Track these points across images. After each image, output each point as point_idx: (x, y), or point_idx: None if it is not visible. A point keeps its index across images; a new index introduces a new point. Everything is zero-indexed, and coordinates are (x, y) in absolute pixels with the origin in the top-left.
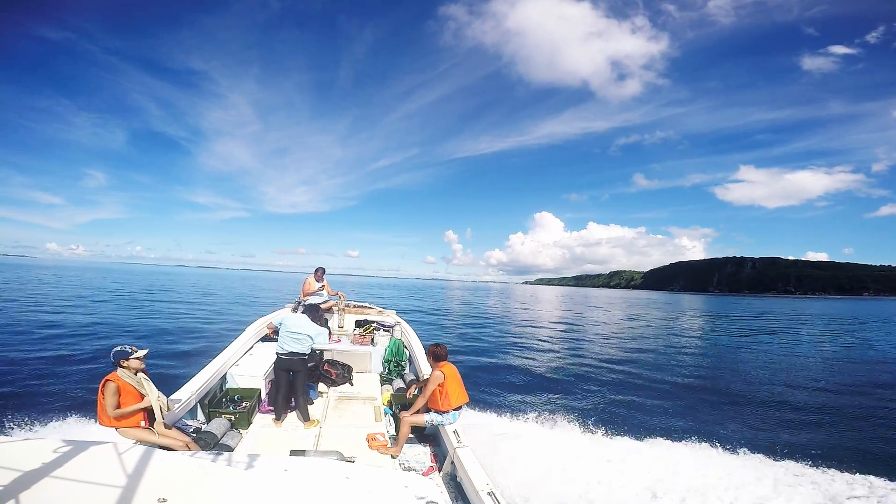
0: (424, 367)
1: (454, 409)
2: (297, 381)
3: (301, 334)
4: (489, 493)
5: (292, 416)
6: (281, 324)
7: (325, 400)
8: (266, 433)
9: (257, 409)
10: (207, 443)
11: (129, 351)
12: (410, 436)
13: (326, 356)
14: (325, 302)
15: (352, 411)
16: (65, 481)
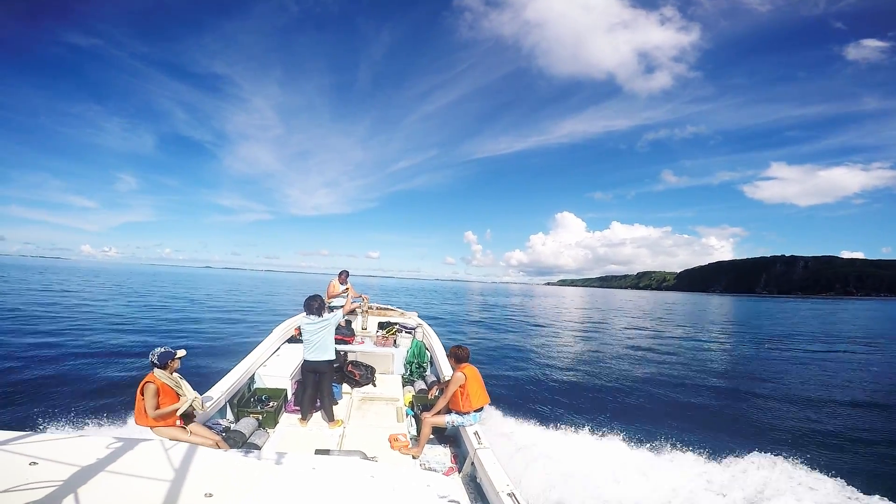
0: (446, 369)
1: (475, 411)
2: (323, 383)
3: (320, 332)
4: (509, 494)
5: (317, 417)
6: (301, 330)
7: (349, 400)
8: (292, 432)
9: (284, 409)
10: (236, 441)
11: (174, 352)
12: (431, 437)
13: (350, 357)
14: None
15: (375, 412)
16: (118, 476)
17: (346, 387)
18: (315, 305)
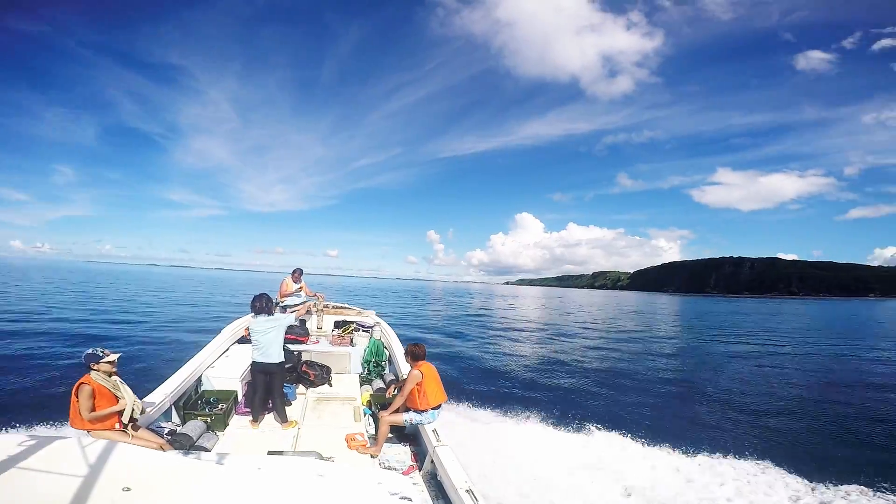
0: (404, 367)
1: (433, 408)
2: (274, 383)
3: (269, 335)
4: (467, 491)
5: (270, 418)
6: (251, 330)
7: (304, 401)
8: (243, 434)
9: (234, 411)
10: (182, 444)
11: (101, 354)
12: (390, 435)
13: (304, 357)
14: (303, 303)
15: (331, 412)
16: (28, 473)
17: (300, 387)
18: (259, 305)
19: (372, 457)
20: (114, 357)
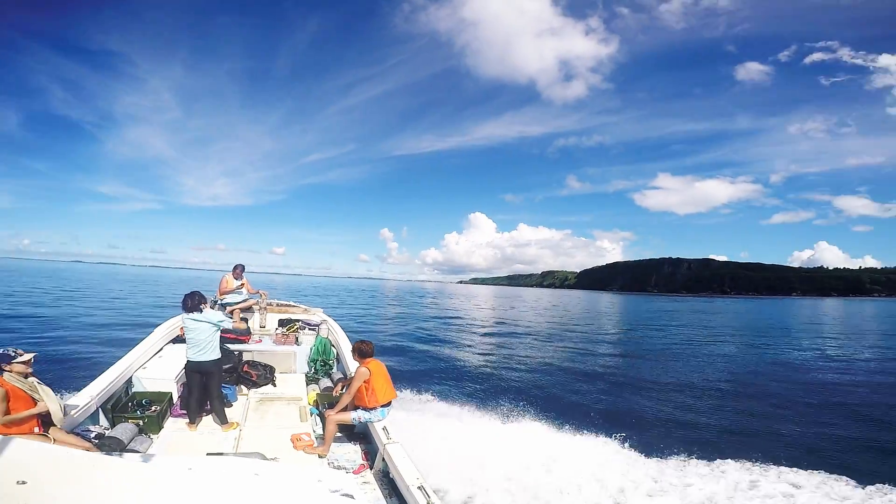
0: (352, 366)
1: (382, 406)
2: (211, 384)
3: (203, 332)
4: (419, 488)
5: (209, 420)
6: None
7: (245, 402)
8: (180, 437)
9: (169, 413)
10: (112, 448)
11: (13, 354)
12: (339, 434)
13: (246, 357)
14: (244, 301)
15: (275, 412)
16: None
17: (241, 388)
18: (191, 303)
19: (320, 456)
20: (28, 357)
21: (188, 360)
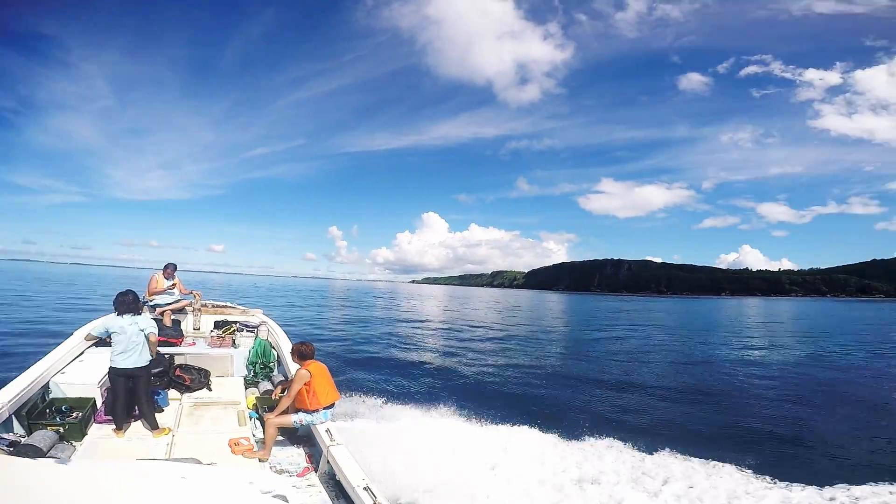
0: (293, 368)
1: (325, 408)
2: (139, 388)
3: (132, 336)
4: (365, 489)
5: (138, 426)
6: (106, 332)
7: (178, 407)
8: (107, 444)
9: (93, 420)
10: (30, 456)
11: None
12: (281, 438)
13: (178, 360)
14: (176, 302)
15: (211, 417)
16: None
17: (174, 392)
18: (126, 303)
19: (260, 461)
20: None
21: (113, 366)
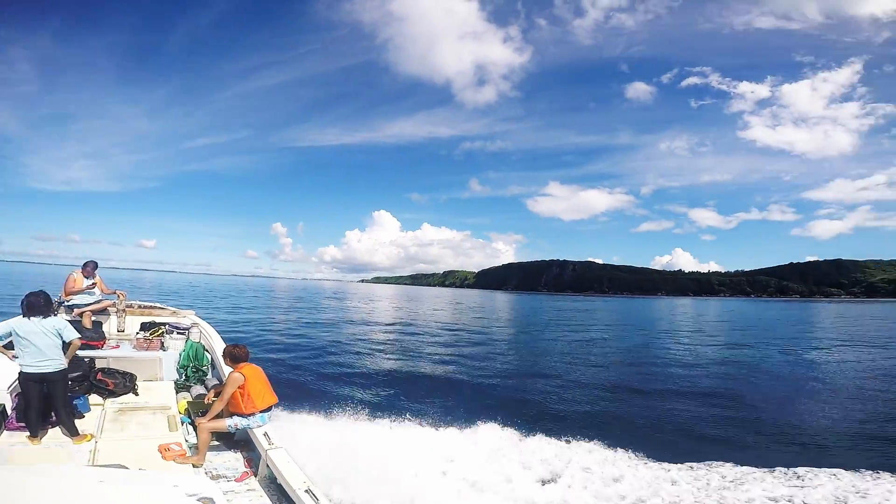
0: (227, 371)
1: (261, 412)
2: (55, 393)
3: (44, 339)
4: (307, 491)
5: (57, 433)
6: (12, 334)
7: (101, 412)
8: (20, 451)
9: (3, 427)
10: None
11: None
12: (217, 442)
13: (100, 364)
14: (97, 302)
15: (138, 422)
16: None
17: (96, 398)
18: (35, 306)
19: (194, 466)
20: None
21: (23, 371)
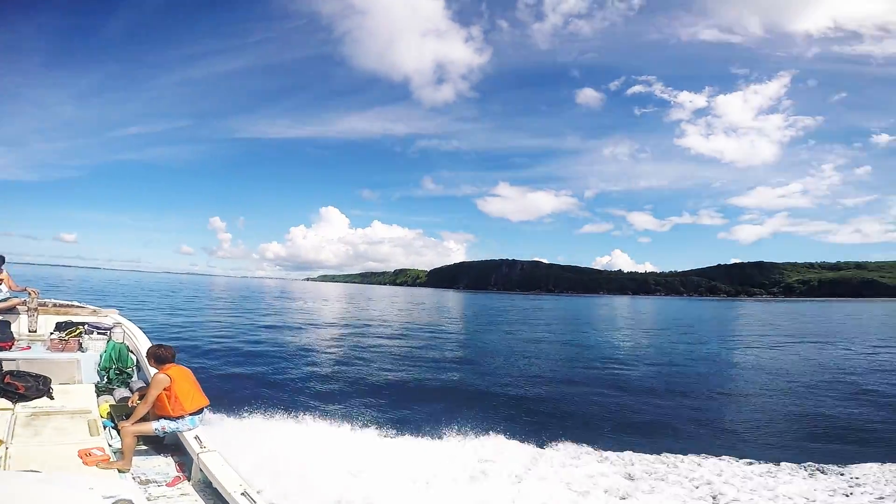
0: (153, 373)
1: (191, 414)
2: None
3: None
4: (243, 494)
5: None
6: None
7: (11, 417)
8: None
9: None
10: None
11: None
12: (145, 447)
13: (8, 366)
14: (4, 300)
15: (54, 427)
16: None
17: (5, 402)
18: None
19: (120, 471)
20: None
21: None
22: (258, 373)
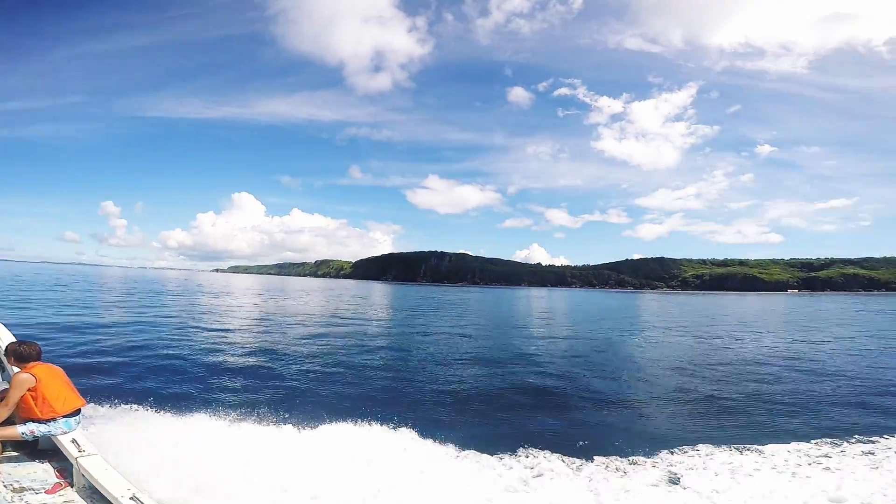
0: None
1: (65, 417)
2: None
3: None
4: (132, 498)
5: None
6: None
7: None
8: None
9: None
10: None
11: None
12: (16, 453)
13: None
14: None
15: None
16: None
17: None
18: None
19: None
20: None
21: None
22: (149, 369)
